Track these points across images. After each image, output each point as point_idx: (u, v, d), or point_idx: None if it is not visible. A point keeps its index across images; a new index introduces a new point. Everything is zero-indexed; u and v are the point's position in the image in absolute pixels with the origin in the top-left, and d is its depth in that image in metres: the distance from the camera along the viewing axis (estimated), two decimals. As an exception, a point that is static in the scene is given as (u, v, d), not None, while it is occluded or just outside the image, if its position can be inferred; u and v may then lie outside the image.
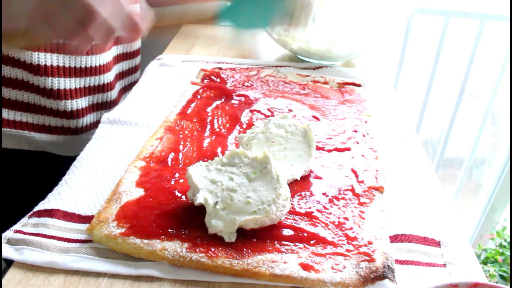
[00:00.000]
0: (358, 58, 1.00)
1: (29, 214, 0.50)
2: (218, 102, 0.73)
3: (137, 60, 0.93)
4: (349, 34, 0.89)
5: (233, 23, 0.52)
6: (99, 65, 0.80)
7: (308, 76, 0.85)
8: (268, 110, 0.71)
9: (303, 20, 0.52)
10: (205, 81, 0.81)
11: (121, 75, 0.91)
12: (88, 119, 0.82)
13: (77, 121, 0.79)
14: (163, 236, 0.45)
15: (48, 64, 0.72)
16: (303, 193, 0.52)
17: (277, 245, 0.45)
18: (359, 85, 0.83)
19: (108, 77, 0.83)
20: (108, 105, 0.86)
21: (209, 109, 0.70)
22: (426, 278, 0.44)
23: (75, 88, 0.77)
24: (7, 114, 0.74)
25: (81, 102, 0.79)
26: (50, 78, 0.72)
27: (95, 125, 0.84)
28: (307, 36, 0.88)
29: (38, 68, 0.71)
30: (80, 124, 0.80)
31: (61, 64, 0.73)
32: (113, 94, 0.86)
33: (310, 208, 0.50)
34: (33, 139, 0.77)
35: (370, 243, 0.46)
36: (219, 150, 0.60)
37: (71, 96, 0.76)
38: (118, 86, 0.90)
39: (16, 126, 0.75)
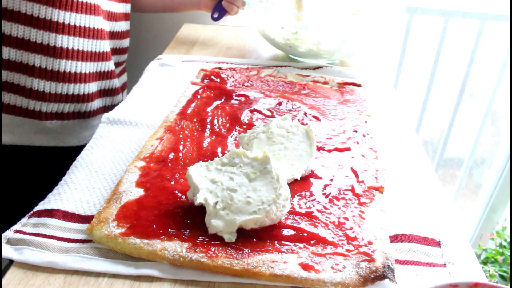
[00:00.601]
0: (358, 58, 1.00)
1: (29, 214, 0.50)
2: (218, 102, 0.73)
3: (125, 56, 0.98)
4: (359, 31, 0.89)
5: None
6: (105, 51, 0.84)
7: (308, 76, 0.85)
8: (268, 110, 0.71)
9: None
10: (205, 81, 0.81)
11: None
12: (96, 104, 0.86)
13: (87, 105, 0.83)
14: (163, 236, 0.45)
15: (70, 47, 0.76)
16: (303, 193, 0.52)
17: (277, 245, 0.45)
18: (359, 85, 0.83)
19: (110, 65, 0.87)
20: (111, 92, 0.90)
21: (209, 109, 0.70)
22: (426, 278, 0.44)
23: (89, 72, 0.81)
24: (20, 101, 0.77)
25: (92, 86, 0.83)
26: (70, 61, 0.77)
27: (101, 110, 0.88)
28: (319, 37, 0.88)
29: (60, 51, 0.75)
30: (89, 108, 0.84)
31: (81, 48, 0.78)
32: (115, 82, 0.90)
33: (310, 208, 0.50)
34: (44, 125, 0.79)
35: (370, 243, 0.46)
36: (219, 150, 0.60)
37: (84, 80, 0.80)
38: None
39: (28, 114, 0.78)
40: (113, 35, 0.89)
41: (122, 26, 0.91)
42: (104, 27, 0.82)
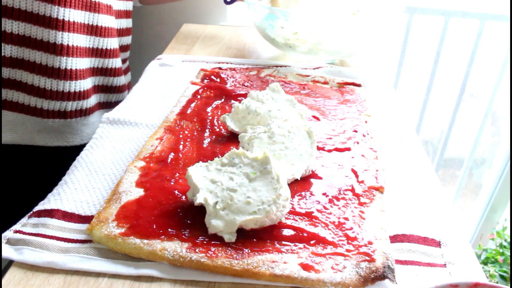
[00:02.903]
0: (358, 58, 1.00)
1: (29, 214, 0.50)
2: (218, 102, 0.73)
3: (126, 54, 0.99)
4: (359, 31, 0.89)
5: None
6: (108, 48, 0.84)
7: (308, 76, 0.85)
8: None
9: None
10: (205, 81, 0.81)
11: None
12: (92, 100, 0.85)
13: (87, 102, 0.83)
14: (163, 236, 0.45)
15: (70, 44, 0.76)
16: (303, 193, 0.52)
17: (277, 245, 0.45)
18: (359, 85, 0.83)
19: (115, 62, 0.87)
20: (109, 89, 0.90)
21: (209, 109, 0.70)
22: (426, 278, 0.44)
23: (87, 68, 0.81)
24: (23, 98, 0.77)
25: (88, 82, 0.83)
26: (70, 58, 0.77)
27: (97, 107, 0.88)
28: (319, 37, 0.88)
29: (61, 48, 0.75)
30: (88, 104, 0.84)
31: (80, 45, 0.78)
32: (117, 80, 0.90)
33: (310, 208, 0.50)
34: (46, 124, 0.79)
35: (370, 243, 0.46)
36: (219, 150, 0.60)
37: (83, 76, 0.80)
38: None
39: (30, 112, 0.78)
40: (116, 32, 0.89)
41: (123, 23, 0.91)
42: (106, 24, 0.82)
